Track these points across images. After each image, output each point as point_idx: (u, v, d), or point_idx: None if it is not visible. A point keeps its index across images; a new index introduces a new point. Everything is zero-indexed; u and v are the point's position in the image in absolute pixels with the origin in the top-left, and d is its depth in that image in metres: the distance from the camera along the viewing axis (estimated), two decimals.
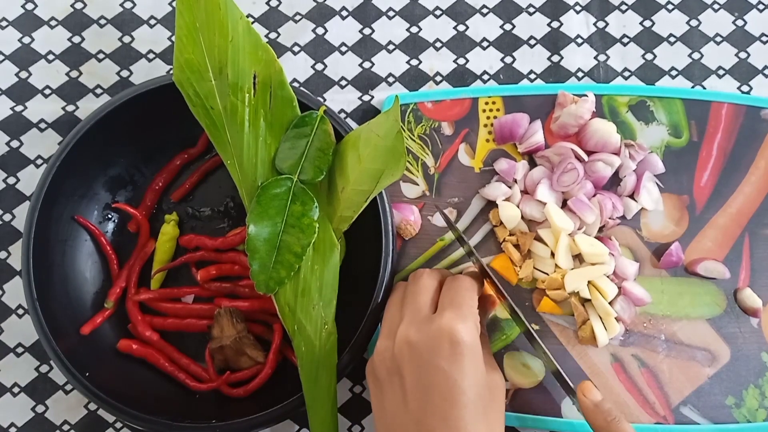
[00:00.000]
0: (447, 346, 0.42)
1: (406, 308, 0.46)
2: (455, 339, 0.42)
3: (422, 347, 0.42)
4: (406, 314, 0.45)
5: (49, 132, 0.60)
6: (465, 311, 0.44)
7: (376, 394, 0.45)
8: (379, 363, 0.45)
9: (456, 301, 0.45)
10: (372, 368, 0.45)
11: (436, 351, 0.42)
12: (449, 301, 0.45)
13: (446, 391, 0.41)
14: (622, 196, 0.56)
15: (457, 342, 0.42)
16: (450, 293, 0.46)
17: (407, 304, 0.46)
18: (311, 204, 0.49)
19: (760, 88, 0.61)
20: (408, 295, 0.47)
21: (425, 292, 0.46)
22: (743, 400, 0.53)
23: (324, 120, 0.51)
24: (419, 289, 0.47)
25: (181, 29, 0.49)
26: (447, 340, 0.42)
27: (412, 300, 0.46)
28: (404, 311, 0.46)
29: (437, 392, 0.41)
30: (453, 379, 0.41)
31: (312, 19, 0.63)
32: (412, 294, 0.47)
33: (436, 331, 0.42)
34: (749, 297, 0.54)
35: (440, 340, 0.42)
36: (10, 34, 0.62)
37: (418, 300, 0.46)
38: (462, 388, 0.41)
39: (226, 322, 0.52)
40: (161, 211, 0.57)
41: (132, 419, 0.48)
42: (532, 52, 0.62)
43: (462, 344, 0.42)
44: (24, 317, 0.57)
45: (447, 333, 0.42)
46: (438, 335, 0.42)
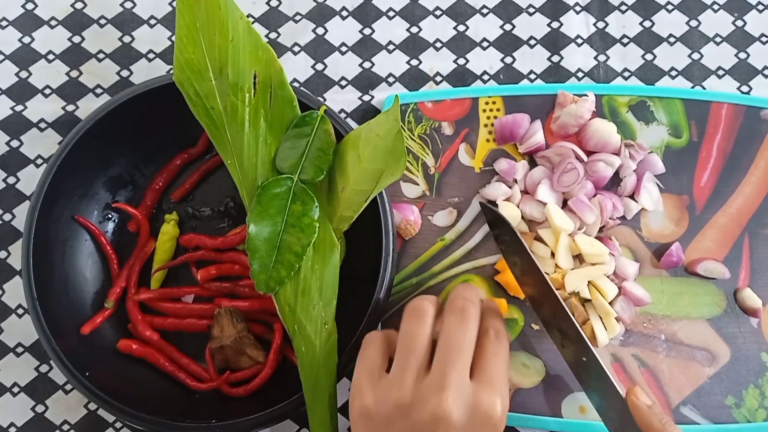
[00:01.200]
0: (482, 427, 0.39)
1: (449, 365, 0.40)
2: (495, 424, 0.39)
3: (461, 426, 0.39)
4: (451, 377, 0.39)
5: (49, 132, 0.60)
6: (506, 390, 0.41)
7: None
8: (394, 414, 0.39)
9: (501, 377, 0.41)
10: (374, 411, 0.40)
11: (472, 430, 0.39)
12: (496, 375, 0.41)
13: None
14: (623, 196, 0.56)
15: (495, 426, 0.39)
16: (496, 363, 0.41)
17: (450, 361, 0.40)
18: (311, 204, 0.49)
19: (760, 89, 0.61)
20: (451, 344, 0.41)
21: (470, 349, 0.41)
22: (743, 400, 0.53)
23: (324, 120, 0.51)
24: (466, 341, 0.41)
25: (181, 29, 0.49)
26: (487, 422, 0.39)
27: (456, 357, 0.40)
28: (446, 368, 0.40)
29: None
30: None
31: (312, 19, 0.63)
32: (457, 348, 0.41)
33: (482, 412, 0.39)
34: (749, 297, 0.54)
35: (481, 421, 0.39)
36: (10, 34, 0.62)
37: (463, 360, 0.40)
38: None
39: (226, 321, 0.52)
40: (161, 211, 0.57)
41: (132, 419, 0.48)
42: (532, 52, 0.62)
43: (498, 427, 0.40)
44: (24, 317, 0.57)
45: (491, 415, 0.39)
46: (482, 417, 0.39)
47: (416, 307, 0.43)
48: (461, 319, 0.42)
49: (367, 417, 0.40)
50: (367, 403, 0.41)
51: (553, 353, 0.54)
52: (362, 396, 0.41)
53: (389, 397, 0.40)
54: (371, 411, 0.40)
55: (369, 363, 0.42)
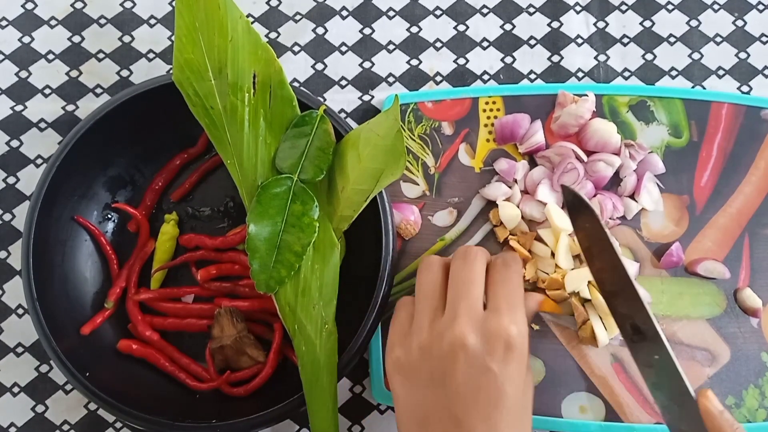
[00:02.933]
0: (501, 349, 0.41)
1: (458, 301, 0.43)
2: (510, 343, 0.41)
3: (479, 349, 0.41)
4: (461, 310, 0.42)
5: (49, 132, 0.60)
6: (519, 313, 0.42)
7: (407, 388, 0.43)
8: (419, 360, 0.42)
9: (511, 301, 0.43)
10: (402, 365, 0.43)
11: (491, 353, 0.41)
12: (505, 299, 0.43)
13: (493, 393, 0.40)
14: (623, 196, 0.56)
15: (512, 346, 0.41)
16: (505, 289, 0.43)
17: (460, 296, 0.43)
18: (311, 203, 0.49)
19: (760, 89, 0.61)
20: (459, 282, 0.44)
21: (478, 283, 0.44)
22: (743, 400, 0.53)
23: (324, 119, 0.51)
24: (472, 276, 0.44)
25: (180, 29, 0.49)
26: (503, 343, 0.41)
27: (464, 291, 0.43)
28: (456, 304, 0.43)
29: (484, 393, 0.40)
30: (501, 383, 0.40)
31: (312, 19, 0.63)
32: (464, 283, 0.44)
33: (494, 333, 0.41)
34: (749, 297, 0.54)
35: (496, 342, 0.41)
36: (10, 34, 0.62)
37: (471, 292, 0.43)
38: (507, 392, 0.41)
39: (226, 321, 0.52)
40: (161, 211, 0.57)
41: (132, 419, 0.48)
42: (532, 52, 0.62)
43: (515, 349, 0.41)
44: (24, 317, 0.57)
45: (504, 336, 0.41)
46: (495, 337, 0.41)
47: (425, 262, 0.46)
48: (464, 258, 0.45)
49: (398, 368, 0.43)
50: (396, 355, 0.44)
51: (553, 353, 0.54)
52: (392, 351, 0.44)
53: (413, 344, 0.43)
54: (401, 361, 0.43)
55: (398, 322, 0.45)
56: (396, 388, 0.44)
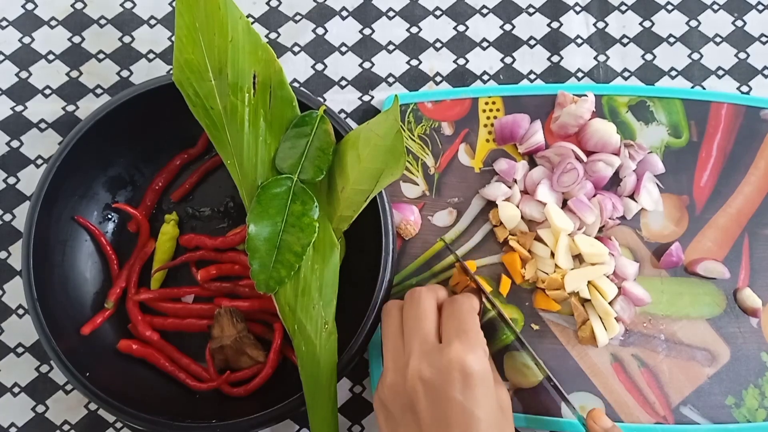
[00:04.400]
0: (459, 378, 0.41)
1: (411, 338, 0.44)
2: (467, 371, 0.41)
3: (435, 382, 0.42)
4: (414, 346, 0.44)
5: (49, 132, 0.60)
6: (472, 338, 0.43)
7: (390, 425, 0.44)
8: (391, 399, 0.44)
9: (462, 329, 0.44)
10: (382, 403, 0.45)
11: (449, 384, 0.41)
12: (455, 329, 0.44)
13: (463, 422, 0.41)
14: (622, 196, 0.56)
15: (469, 374, 0.41)
16: (454, 320, 0.45)
17: (412, 334, 0.45)
18: (311, 203, 0.49)
19: (760, 89, 0.61)
20: (410, 320, 0.45)
21: (428, 318, 0.45)
22: (743, 400, 0.53)
23: (324, 119, 0.51)
24: (421, 313, 0.45)
25: (180, 29, 0.49)
26: (458, 372, 0.41)
27: (415, 327, 0.45)
28: (410, 342, 0.44)
29: (455, 425, 0.41)
30: (469, 410, 0.41)
31: (312, 19, 0.63)
32: (414, 320, 0.45)
33: (447, 363, 0.42)
34: (749, 297, 0.54)
35: (451, 373, 0.41)
36: (11, 34, 0.62)
37: (422, 327, 0.44)
38: (478, 417, 0.41)
39: (226, 321, 0.52)
40: (161, 211, 0.57)
41: (132, 419, 0.48)
42: (532, 53, 0.62)
43: (474, 375, 0.41)
44: (24, 317, 0.57)
45: (458, 365, 0.41)
46: (449, 368, 0.41)
47: (384, 309, 0.48)
48: (411, 299, 0.47)
49: (379, 406, 0.45)
50: (378, 393, 0.45)
51: (553, 353, 0.54)
52: (378, 388, 0.46)
53: (387, 386, 0.44)
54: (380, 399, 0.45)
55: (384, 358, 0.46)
56: (381, 425, 0.45)
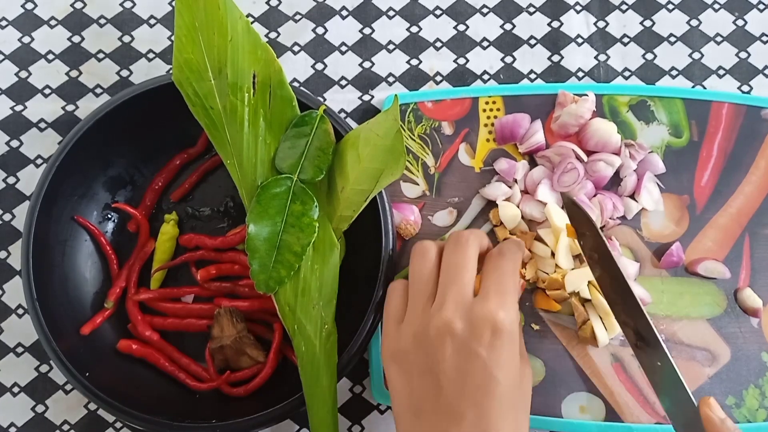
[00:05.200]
0: (488, 335, 0.41)
1: (448, 287, 0.43)
2: (497, 328, 0.41)
3: (466, 335, 0.41)
4: (449, 295, 0.42)
5: (49, 132, 0.60)
6: (509, 299, 0.42)
7: (402, 376, 0.43)
8: (412, 347, 0.43)
9: (501, 287, 0.43)
10: (397, 352, 0.44)
11: (477, 338, 0.41)
12: (495, 285, 0.43)
13: (482, 379, 0.40)
14: (623, 196, 0.56)
15: (499, 331, 0.41)
16: (495, 276, 0.43)
17: (450, 282, 0.43)
18: (311, 203, 0.49)
19: (761, 88, 0.61)
20: (450, 267, 0.44)
21: (469, 268, 0.44)
22: (743, 400, 0.53)
23: (324, 119, 0.51)
24: (464, 261, 0.44)
25: (180, 29, 0.49)
26: (489, 328, 0.41)
27: (455, 276, 0.43)
28: (445, 290, 0.43)
29: (472, 380, 0.41)
30: (490, 369, 0.40)
31: (312, 19, 0.63)
32: (455, 267, 0.44)
33: (481, 318, 0.41)
34: (749, 297, 0.54)
35: (483, 327, 0.41)
36: (10, 34, 0.62)
37: (461, 277, 0.43)
38: (497, 378, 0.40)
39: (226, 321, 0.52)
40: (161, 211, 0.57)
41: (132, 419, 0.48)
42: (533, 52, 0.62)
43: (503, 334, 0.41)
44: (24, 317, 0.57)
45: (490, 321, 0.41)
46: (481, 322, 0.41)
47: (418, 247, 0.46)
48: (456, 244, 0.45)
49: (393, 357, 0.44)
50: (391, 344, 0.44)
51: (553, 353, 0.54)
52: (387, 340, 0.45)
53: (407, 333, 0.43)
54: (395, 350, 0.44)
55: (391, 310, 0.46)
56: (392, 377, 0.44)
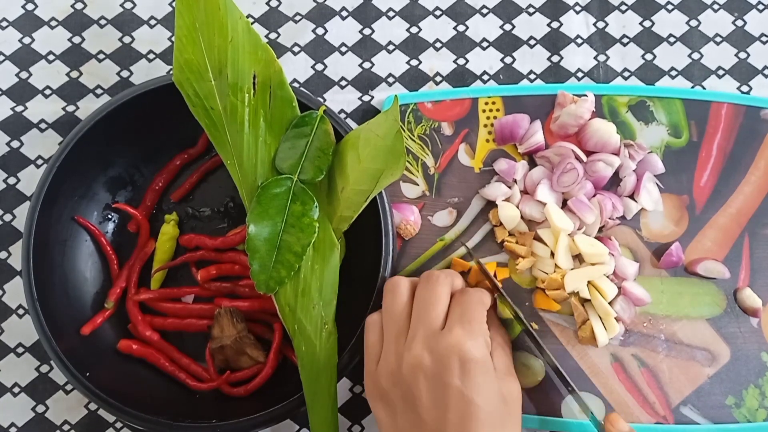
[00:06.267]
0: (457, 365, 0.41)
1: (418, 323, 0.44)
2: (465, 357, 0.41)
3: (434, 368, 0.42)
4: (419, 331, 0.43)
5: (49, 132, 0.60)
6: (474, 327, 0.43)
7: (387, 414, 0.44)
8: (390, 385, 0.43)
9: (466, 317, 0.44)
10: (378, 390, 0.44)
11: (448, 370, 0.41)
12: (459, 316, 0.44)
13: (462, 408, 0.41)
14: (622, 196, 0.56)
15: (467, 360, 0.41)
16: (460, 308, 0.45)
17: (420, 318, 0.44)
18: (311, 204, 0.49)
19: (760, 89, 0.61)
20: (421, 304, 0.45)
21: (439, 305, 0.45)
22: (743, 400, 0.53)
23: (324, 120, 0.51)
24: (433, 299, 0.45)
25: (180, 29, 0.49)
26: (457, 358, 0.41)
27: (425, 312, 0.44)
28: (416, 326, 0.44)
29: (453, 411, 0.41)
30: (468, 397, 0.41)
31: (312, 20, 0.63)
32: (425, 304, 0.45)
33: (446, 349, 0.42)
34: (749, 297, 0.54)
35: (450, 359, 0.41)
36: (11, 35, 0.62)
37: (430, 313, 0.44)
38: (477, 404, 0.41)
39: (226, 321, 0.52)
40: (161, 211, 0.58)
41: (132, 419, 0.48)
42: (532, 53, 0.62)
43: (471, 361, 0.41)
44: (24, 317, 0.57)
45: (457, 351, 0.41)
46: (447, 354, 0.42)
47: (391, 284, 0.47)
48: (427, 282, 0.46)
49: (376, 395, 0.45)
50: (372, 382, 0.45)
51: (553, 353, 0.53)
52: (368, 379, 0.45)
53: (385, 372, 0.44)
54: (377, 388, 0.44)
55: (370, 346, 0.46)
56: (378, 415, 0.45)
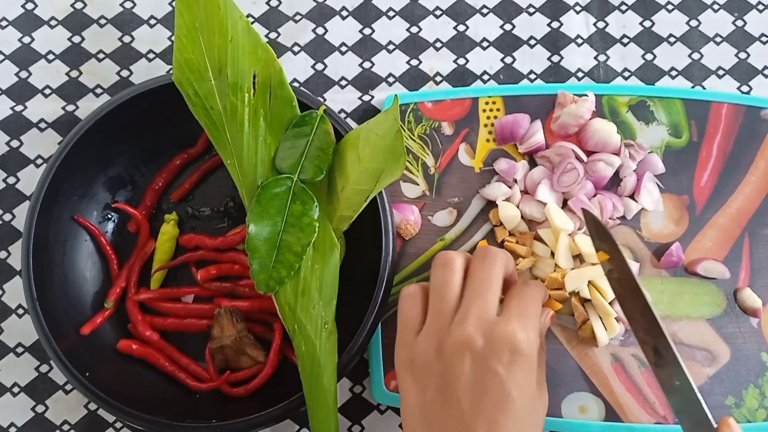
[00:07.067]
0: (507, 353, 0.41)
1: (472, 301, 0.43)
2: (516, 348, 0.41)
3: (485, 352, 0.41)
4: (472, 311, 0.42)
5: (49, 132, 0.60)
6: (530, 322, 0.43)
7: (417, 388, 0.43)
8: (429, 356, 0.43)
9: (524, 311, 0.43)
10: (411, 359, 0.44)
11: (497, 356, 0.41)
12: (517, 308, 0.43)
13: (498, 397, 0.41)
14: (623, 196, 0.56)
15: (517, 351, 0.41)
16: (519, 300, 0.44)
17: (475, 296, 0.43)
18: (311, 203, 0.49)
19: (760, 89, 0.61)
20: (476, 281, 0.44)
21: (494, 286, 0.44)
22: (743, 400, 0.53)
23: (324, 119, 0.51)
24: (491, 278, 0.44)
25: (180, 29, 0.49)
26: (508, 347, 0.41)
27: (480, 291, 0.43)
28: (469, 304, 0.43)
29: (489, 397, 0.41)
30: (506, 388, 0.41)
31: (312, 19, 0.63)
32: (481, 282, 0.44)
33: (501, 337, 0.41)
34: (749, 297, 0.54)
35: (502, 346, 0.41)
36: (10, 34, 0.62)
37: (486, 294, 0.43)
38: (513, 398, 0.41)
39: (226, 321, 0.52)
40: (161, 211, 0.57)
41: (132, 419, 0.48)
42: (532, 52, 0.62)
43: (521, 354, 0.41)
44: (24, 317, 0.57)
45: (510, 340, 0.41)
46: (502, 341, 0.41)
47: (444, 258, 0.45)
48: (484, 260, 0.45)
49: (409, 367, 0.44)
50: (407, 354, 0.44)
51: (553, 353, 0.54)
52: (403, 349, 0.44)
53: (425, 344, 0.43)
54: (412, 360, 0.44)
55: (408, 318, 0.45)
56: (406, 387, 0.44)
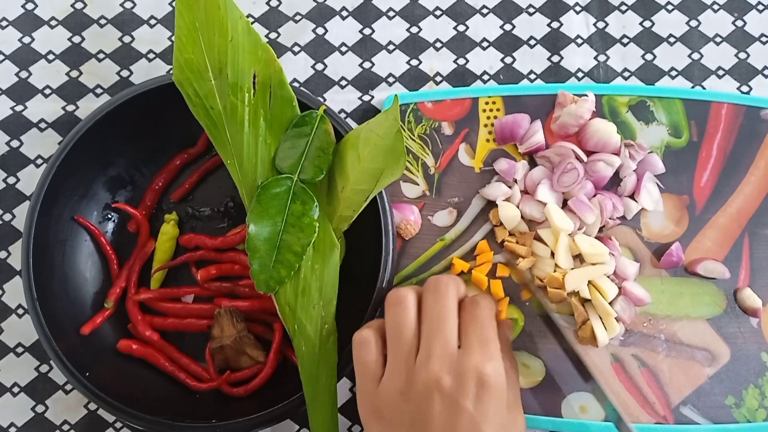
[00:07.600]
0: (474, 388, 0.40)
1: (432, 339, 0.42)
2: (484, 381, 0.40)
3: (452, 389, 0.40)
4: (435, 349, 0.41)
5: (49, 132, 0.60)
6: (492, 347, 0.42)
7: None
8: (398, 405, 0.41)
9: (483, 337, 0.42)
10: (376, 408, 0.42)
11: (465, 392, 0.40)
12: (476, 336, 0.42)
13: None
14: (623, 196, 0.56)
15: (486, 384, 0.40)
16: (475, 325, 0.43)
17: (433, 334, 0.42)
18: (311, 203, 0.49)
19: (760, 89, 0.61)
20: (432, 317, 0.43)
21: (451, 318, 0.43)
22: (743, 400, 0.53)
23: (324, 119, 0.51)
24: (445, 312, 0.43)
25: (180, 29, 0.49)
26: (475, 381, 0.40)
27: (437, 327, 0.42)
28: (429, 343, 0.42)
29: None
30: (477, 423, 0.40)
31: (312, 19, 0.63)
32: (437, 318, 0.43)
33: (467, 371, 0.40)
34: (749, 297, 0.54)
35: (469, 381, 0.40)
36: (10, 34, 0.62)
37: (444, 329, 0.42)
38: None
39: (226, 321, 0.52)
40: (161, 211, 0.57)
41: (132, 419, 0.48)
42: (532, 53, 0.62)
43: (489, 387, 0.40)
44: (24, 317, 0.57)
45: (477, 374, 0.40)
46: (467, 376, 0.40)
47: (395, 296, 0.45)
48: (436, 292, 0.44)
49: (376, 415, 0.42)
50: (373, 405, 0.43)
51: (553, 353, 0.54)
52: (367, 400, 0.43)
53: (391, 389, 0.42)
54: (378, 408, 0.42)
55: (363, 368, 0.44)
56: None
